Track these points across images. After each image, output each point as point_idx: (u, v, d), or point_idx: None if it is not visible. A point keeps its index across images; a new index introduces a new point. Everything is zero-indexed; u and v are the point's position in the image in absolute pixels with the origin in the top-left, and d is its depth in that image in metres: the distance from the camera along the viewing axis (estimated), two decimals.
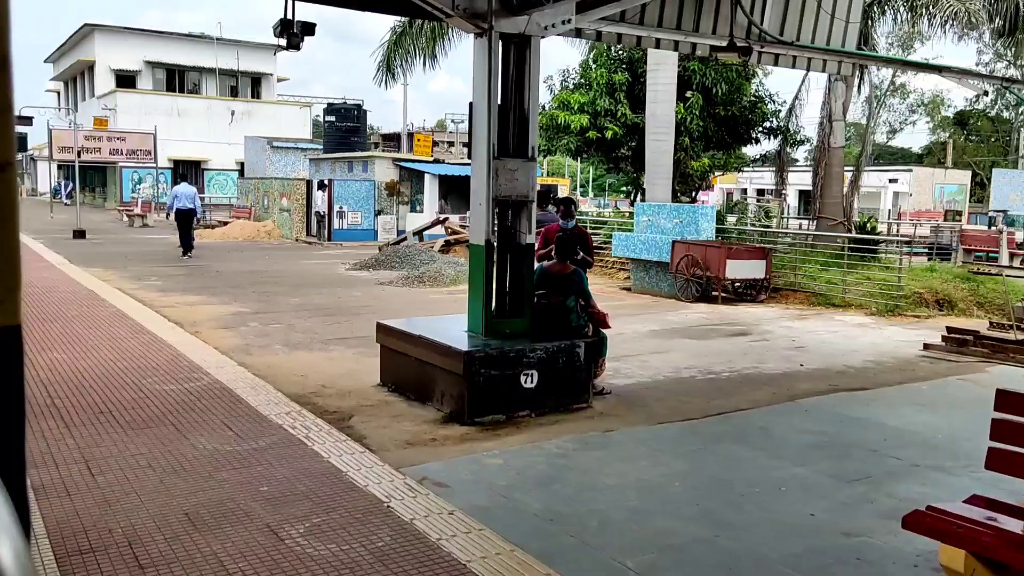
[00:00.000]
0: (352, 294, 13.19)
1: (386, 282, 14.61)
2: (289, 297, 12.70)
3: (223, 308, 11.51)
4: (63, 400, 6.56)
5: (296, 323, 10.37)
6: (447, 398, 6.28)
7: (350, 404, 6.68)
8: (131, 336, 9.10)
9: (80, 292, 12.56)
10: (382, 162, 24.88)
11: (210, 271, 16.16)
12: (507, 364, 6.15)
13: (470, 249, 6.70)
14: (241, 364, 7.91)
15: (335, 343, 9.16)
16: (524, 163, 6.55)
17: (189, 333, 9.44)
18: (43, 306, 11.12)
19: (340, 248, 22.51)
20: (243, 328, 9.95)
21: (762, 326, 10.44)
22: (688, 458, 5.18)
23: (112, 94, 42.96)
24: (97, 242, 23.02)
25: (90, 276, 14.73)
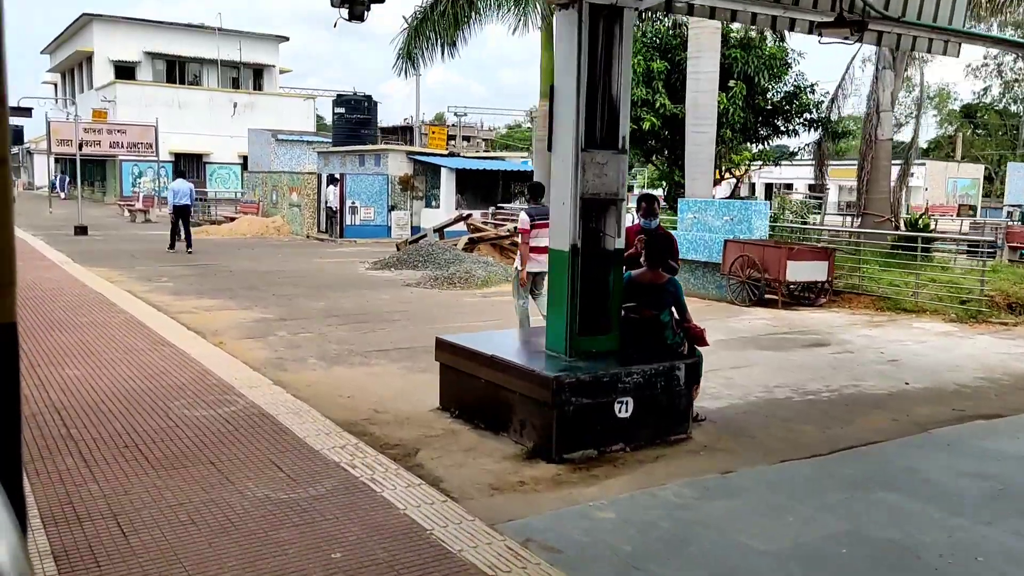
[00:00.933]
0: (379, 297, 12.30)
1: (412, 283, 13.72)
2: (313, 301, 11.82)
3: (244, 314, 10.63)
4: (82, 430, 5.69)
5: (327, 332, 9.49)
6: (528, 429, 5.41)
7: (412, 434, 5.81)
8: (150, 348, 8.22)
9: (88, 295, 11.67)
10: (396, 155, 23.95)
11: (223, 271, 15.26)
12: (600, 391, 5.28)
13: (551, 256, 5.82)
14: (277, 383, 7.03)
15: (375, 356, 8.28)
16: (614, 155, 5.67)
17: (213, 344, 8.56)
18: (50, 312, 10.23)
19: (354, 245, 21.60)
20: (271, 338, 9.06)
21: (838, 335, 9.58)
22: (841, 512, 4.32)
23: (111, 85, 41.94)
24: (99, 239, 22.10)
25: (96, 277, 13.83)
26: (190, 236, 18.91)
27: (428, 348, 8.66)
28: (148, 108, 40.91)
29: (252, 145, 36.83)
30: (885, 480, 4.76)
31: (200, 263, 16.55)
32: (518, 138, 68.08)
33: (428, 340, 9.06)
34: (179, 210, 18.79)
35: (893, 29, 6.93)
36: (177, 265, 16.13)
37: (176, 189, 19.07)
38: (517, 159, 26.49)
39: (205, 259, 17.34)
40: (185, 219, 18.85)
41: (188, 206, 19.01)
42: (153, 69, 45.44)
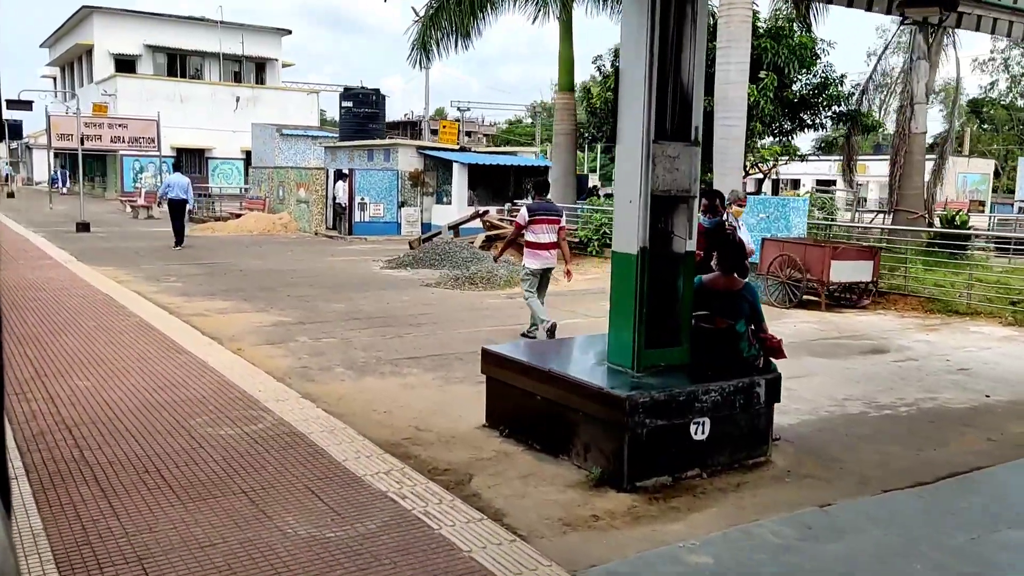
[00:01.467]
0: (399, 298, 11.75)
1: (431, 283, 13.16)
2: (331, 302, 11.26)
3: (260, 317, 10.08)
4: (96, 452, 5.14)
5: (351, 337, 8.93)
6: (594, 453, 4.86)
7: (461, 457, 5.26)
8: (164, 355, 7.67)
9: (94, 297, 11.11)
10: (406, 150, 23.38)
11: (233, 270, 14.70)
12: (676, 411, 4.73)
13: (614, 260, 5.27)
14: (305, 396, 6.49)
15: (406, 364, 7.73)
16: (686, 148, 5.12)
17: (231, 351, 8.01)
18: (55, 314, 9.68)
19: (365, 243, 21.04)
20: (292, 344, 8.51)
21: (893, 339, 9.04)
22: (972, 558, 3.78)
23: (112, 79, 41.33)
24: (103, 236, 21.53)
25: (102, 276, 13.27)
26: (182, 232, 18.57)
27: (460, 355, 8.14)
28: (149, 102, 40.30)
29: (256, 140, 36.24)
30: (1010, 516, 4.22)
31: (209, 261, 15.99)
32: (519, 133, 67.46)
33: (459, 346, 8.55)
34: (173, 204, 18.45)
35: (974, 10, 6.36)
36: (185, 264, 15.57)
37: (172, 183, 18.71)
38: (529, 154, 25.91)
39: (213, 257, 16.78)
40: (180, 214, 18.46)
41: (184, 200, 18.59)
42: (154, 63, 44.82)
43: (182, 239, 18.51)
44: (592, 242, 15.84)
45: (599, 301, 11.72)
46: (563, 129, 17.84)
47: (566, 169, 18.05)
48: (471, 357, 8.06)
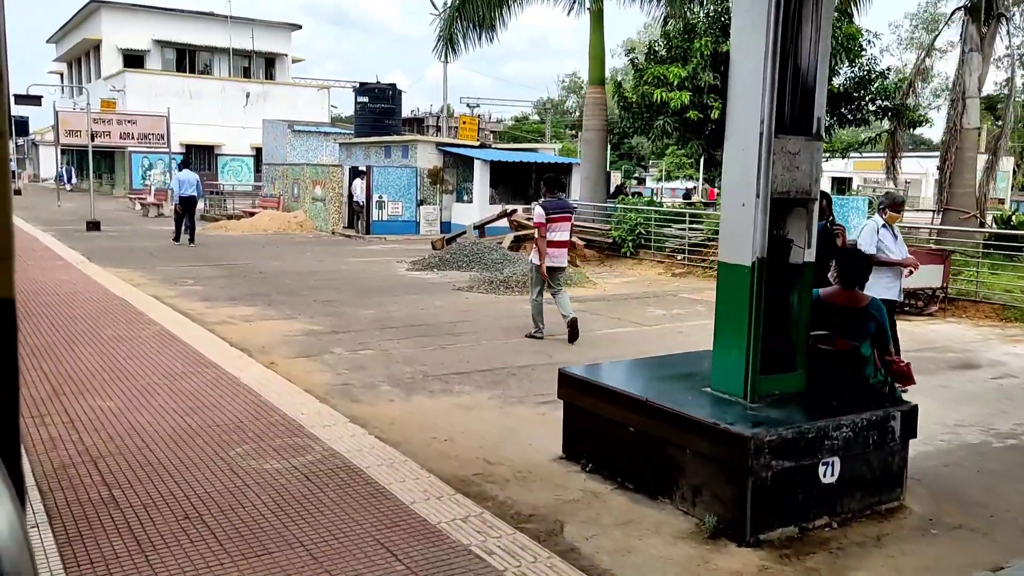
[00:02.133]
0: (432, 303, 11.09)
1: (464, 287, 12.49)
2: (360, 308, 10.60)
3: (289, 325, 9.42)
4: (127, 491, 4.49)
5: (390, 348, 8.27)
6: (705, 498, 4.19)
7: (544, 498, 4.59)
8: (191, 370, 7.01)
9: (111, 302, 10.47)
10: (425, 147, 22.70)
11: (252, 272, 14.05)
12: (805, 450, 4.06)
13: (722, 271, 4.58)
14: (352, 419, 5.83)
15: (456, 381, 7.06)
16: (807, 143, 4.44)
17: (264, 365, 7.35)
18: (70, 322, 9.03)
19: (384, 242, 20.38)
20: (328, 357, 7.84)
21: (980, 352, 8.36)
22: None
23: (120, 75, 40.73)
24: (114, 235, 20.91)
25: (116, 279, 12.64)
26: (194, 229, 18.52)
27: (512, 370, 7.47)
28: (158, 98, 39.67)
29: (267, 136, 35.58)
30: None
31: (226, 263, 15.35)
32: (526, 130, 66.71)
33: (508, 358, 7.88)
34: (185, 201, 18.38)
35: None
36: (202, 265, 14.92)
37: (182, 180, 18.61)
38: (550, 150, 25.23)
39: (230, 258, 16.14)
40: (191, 211, 18.41)
41: (195, 197, 18.55)
42: (163, 58, 44.22)
43: (192, 236, 18.38)
44: (627, 243, 15.16)
45: (645, 307, 11.05)
46: (594, 125, 17.13)
47: (597, 166, 17.35)
48: (524, 372, 7.40)
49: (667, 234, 15.11)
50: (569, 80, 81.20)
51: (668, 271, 14.43)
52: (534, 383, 7.03)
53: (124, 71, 40.94)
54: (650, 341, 8.79)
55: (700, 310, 10.82)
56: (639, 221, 15.00)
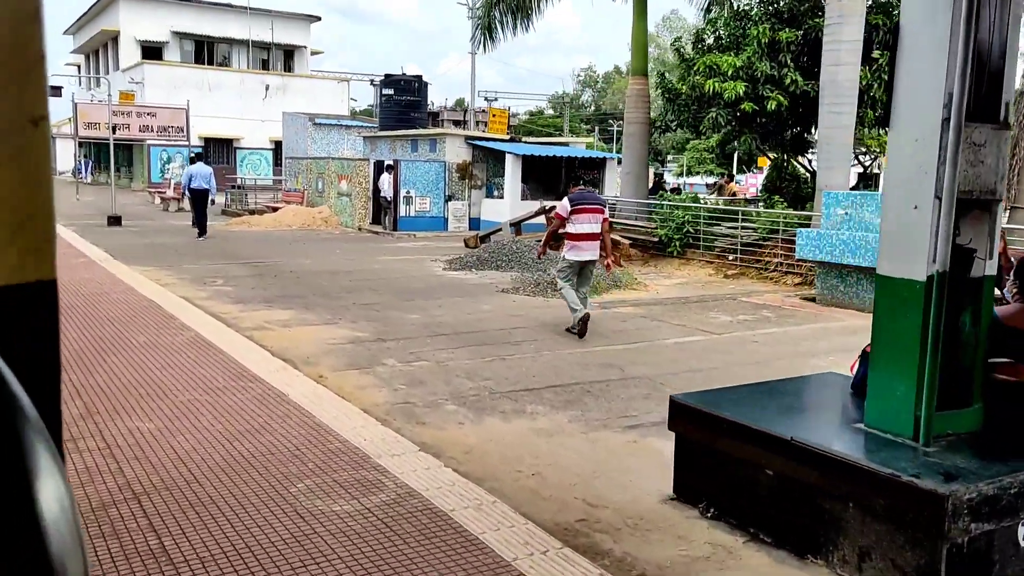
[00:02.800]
0: (479, 307, 10.40)
1: (508, 289, 11.79)
2: (404, 312, 9.92)
3: (331, 331, 8.75)
4: (178, 539, 3.83)
5: (445, 359, 7.58)
6: (877, 564, 3.47)
7: (667, 554, 3.89)
8: (234, 384, 6.35)
9: (138, 303, 9.84)
10: (453, 140, 22.00)
11: (283, 271, 13.40)
12: (1006, 509, 3.33)
13: (883, 287, 3.85)
14: (422, 447, 5.14)
15: (527, 399, 6.37)
16: (994, 133, 3.71)
17: (312, 379, 6.68)
18: (98, 326, 8.40)
19: (414, 239, 19.71)
20: (381, 370, 7.16)
21: None
22: None
23: (139, 66, 40.23)
24: (136, 230, 20.34)
25: (142, 278, 12.02)
26: (206, 222, 18.42)
27: (586, 386, 6.76)
28: (177, 90, 39.15)
29: (287, 129, 35.01)
30: None
31: (254, 260, 14.72)
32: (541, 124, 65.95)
33: (577, 372, 7.15)
34: (196, 194, 18.31)
35: None
36: (229, 263, 14.29)
37: (194, 172, 18.51)
38: (580, 144, 24.47)
39: (257, 255, 15.51)
40: (203, 204, 18.31)
41: (206, 190, 18.43)
42: (181, 50, 43.70)
43: (205, 229, 18.27)
44: (673, 242, 14.41)
45: (706, 312, 10.32)
46: (636, 118, 16.36)
47: (640, 161, 16.59)
48: (599, 389, 6.70)
49: (716, 233, 14.37)
50: (585, 74, 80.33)
51: (719, 272, 13.69)
52: (613, 402, 6.32)
53: (143, 63, 40.44)
54: (728, 353, 8.07)
55: (768, 316, 10.08)
56: (687, 219, 14.25)
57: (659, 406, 6.16)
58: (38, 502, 0.55)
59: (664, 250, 14.64)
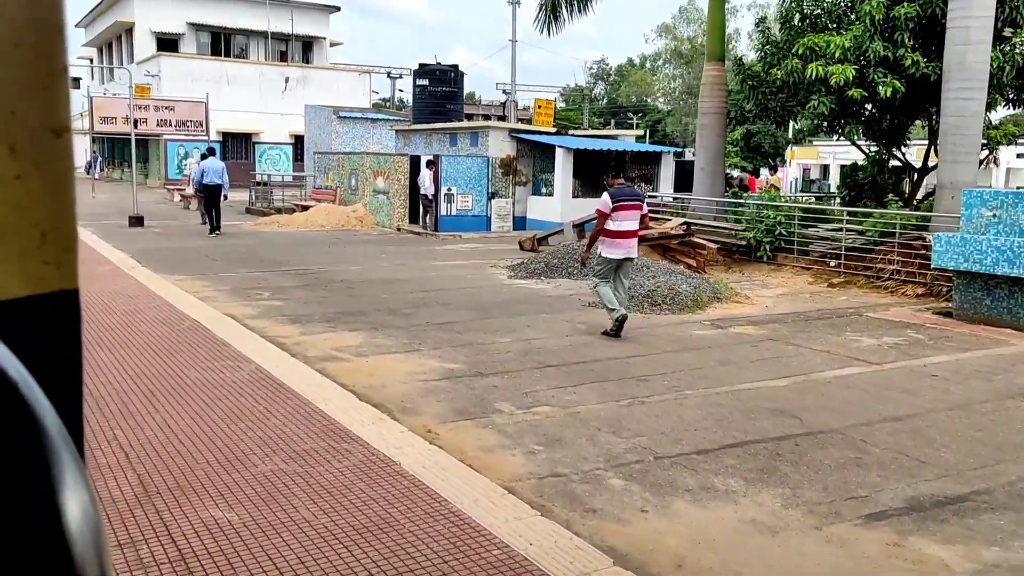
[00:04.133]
0: (573, 327, 8.96)
1: (596, 304, 10.34)
2: (490, 334, 8.50)
3: (416, 361, 7.33)
4: None
5: (571, 402, 6.15)
6: None
7: None
8: (325, 445, 4.95)
9: (179, 323, 8.46)
10: (497, 133, 20.53)
11: (331, 281, 12.00)
12: None
13: None
14: (612, 554, 3.76)
15: (704, 465, 4.93)
16: None
17: (419, 435, 5.27)
18: (138, 355, 7.02)
19: (459, 240, 18.28)
20: (499, 419, 5.73)
21: None
22: None
23: (155, 59, 38.86)
24: (160, 232, 18.98)
25: (178, 290, 10.65)
26: (219, 219, 18.03)
27: (772, 446, 5.13)
28: (195, 83, 37.83)
29: (310, 123, 33.60)
30: None
31: (296, 267, 13.32)
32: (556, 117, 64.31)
33: (746, 422, 5.49)
34: (209, 191, 17.92)
35: None
36: (270, 271, 12.90)
37: (206, 168, 18.08)
38: (629, 137, 22.95)
39: (297, 261, 14.12)
40: (216, 200, 17.91)
41: (219, 186, 17.94)
42: (197, 41, 42.30)
43: (218, 226, 17.86)
44: (763, 245, 12.92)
45: (840, 333, 8.83)
46: (712, 107, 14.82)
47: (715, 156, 15.05)
48: (790, 450, 5.23)
49: (810, 236, 12.87)
50: (597, 67, 78.59)
51: (819, 280, 12.20)
52: (820, 472, 4.87)
53: (159, 55, 39.07)
54: (912, 393, 6.60)
55: (918, 338, 8.61)
56: (779, 219, 12.75)
57: (886, 480, 4.73)
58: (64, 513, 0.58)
59: (750, 254, 13.16)
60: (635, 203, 8.30)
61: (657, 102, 68.93)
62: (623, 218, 8.16)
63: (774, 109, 14.13)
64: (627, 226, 8.20)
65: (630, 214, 8.22)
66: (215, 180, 17.90)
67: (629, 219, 8.21)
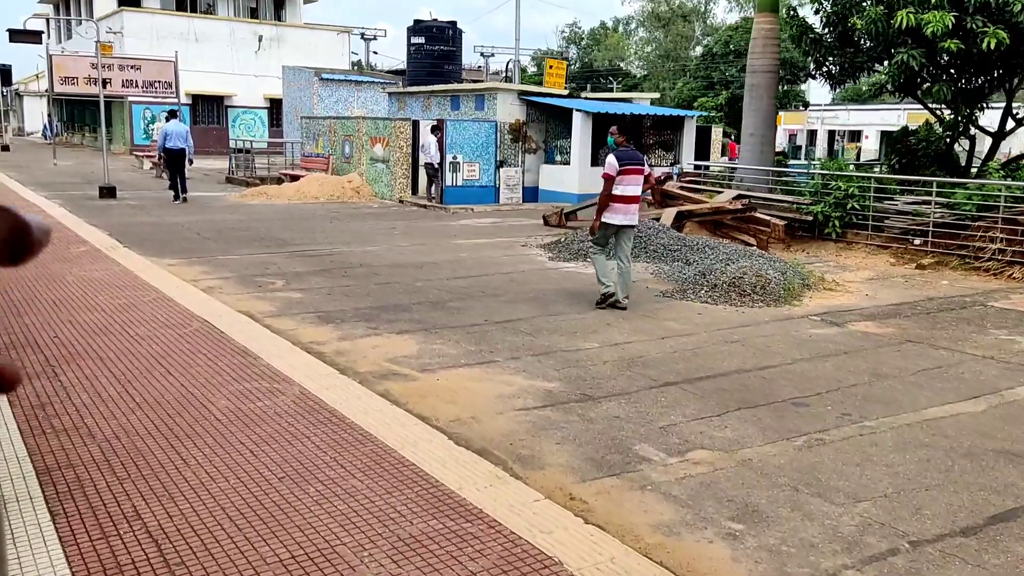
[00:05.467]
0: (668, 327, 7.48)
1: (670, 293, 8.87)
2: (569, 336, 6.99)
3: (499, 379, 5.81)
4: None
5: (732, 443, 4.68)
6: None
7: None
8: (441, 526, 3.45)
9: (186, 324, 6.84)
10: (505, 96, 18.82)
11: (350, 264, 10.38)
12: None
13: None
14: None
15: (990, 561, 3.50)
16: None
17: (559, 503, 3.80)
18: (141, 370, 5.42)
19: (472, 214, 16.66)
20: (654, 475, 4.24)
21: None
22: None
23: (117, 14, 36.18)
24: (136, 204, 17.08)
25: (174, 279, 8.98)
26: (185, 185, 17.32)
27: None
28: (161, 41, 35.35)
29: (289, 86, 31.51)
30: None
31: (303, 248, 11.65)
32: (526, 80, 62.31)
33: (989, 476, 4.28)
34: (172, 155, 17.14)
35: None
36: (274, 252, 11.22)
37: (169, 131, 17.27)
38: (644, 100, 21.35)
39: (302, 240, 12.44)
40: (180, 165, 17.26)
41: (183, 150, 17.25)
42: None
43: (183, 191, 17.18)
44: (832, 220, 11.51)
45: (982, 329, 7.45)
46: (763, 64, 13.26)
47: (767, 120, 13.53)
48: None
49: (887, 210, 11.49)
50: (570, 31, 76.46)
51: (901, 261, 10.84)
52: None
53: (121, 10, 36.37)
54: None
55: None
56: (850, 191, 11.32)
57: None
58: None
59: (819, 232, 11.75)
60: (639, 167, 7.93)
61: (631, 66, 67.18)
62: (628, 182, 7.80)
63: (845, 65, 12.57)
64: (631, 191, 7.84)
65: (634, 178, 7.86)
66: (179, 144, 17.20)
67: (633, 183, 7.85)
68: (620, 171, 7.73)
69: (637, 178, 7.88)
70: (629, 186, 7.82)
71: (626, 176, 7.77)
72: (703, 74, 54.53)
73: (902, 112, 52.65)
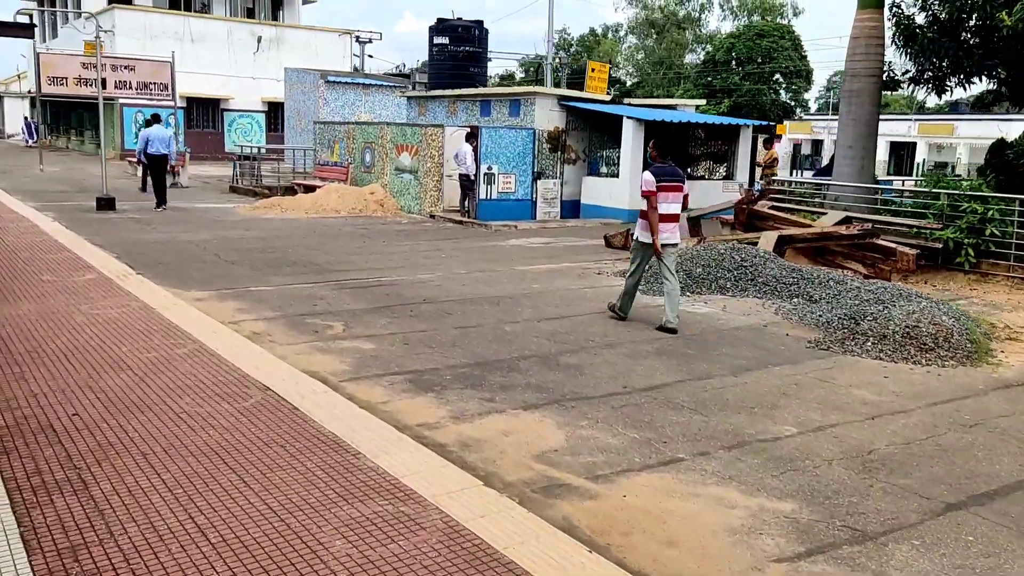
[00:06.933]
0: (857, 395, 5.86)
1: (816, 343, 7.25)
2: (747, 414, 5.36)
3: (708, 494, 4.18)
4: None
5: None
6: None
7: None
8: None
9: (243, 394, 5.14)
10: (544, 101, 17.19)
11: (410, 299, 8.69)
12: None
13: None
14: None
15: None
16: None
17: None
18: (201, 477, 3.72)
19: (517, 232, 15.01)
20: None
21: None
22: None
23: (108, 12, 34.23)
24: (137, 218, 15.27)
25: (208, 319, 7.26)
26: (164, 192, 16.62)
27: None
28: (154, 40, 33.55)
29: (292, 89, 29.71)
30: None
31: (345, 274, 9.95)
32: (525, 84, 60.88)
33: None
34: (154, 160, 16.71)
35: None
36: (313, 280, 9.51)
37: (152, 136, 16.82)
38: (689, 107, 19.79)
39: (340, 263, 10.74)
40: (160, 171, 16.78)
41: (165, 156, 16.96)
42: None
43: (164, 199, 16.40)
44: (964, 248, 9.98)
45: None
46: (865, 68, 11.69)
47: (867, 130, 11.95)
48: None
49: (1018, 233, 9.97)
50: (559, 37, 75.35)
51: None
52: None
53: (112, 7, 34.44)
54: None
55: None
56: (987, 214, 9.79)
57: None
58: None
59: (948, 262, 10.19)
60: (678, 184, 7.61)
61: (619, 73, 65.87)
62: (666, 200, 7.51)
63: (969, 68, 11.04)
64: (670, 210, 7.56)
65: (674, 195, 7.58)
66: (160, 150, 16.78)
67: (673, 201, 7.57)
68: (658, 187, 7.44)
69: (677, 195, 7.61)
70: (666, 204, 7.53)
71: (664, 193, 7.49)
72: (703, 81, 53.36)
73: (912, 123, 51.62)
